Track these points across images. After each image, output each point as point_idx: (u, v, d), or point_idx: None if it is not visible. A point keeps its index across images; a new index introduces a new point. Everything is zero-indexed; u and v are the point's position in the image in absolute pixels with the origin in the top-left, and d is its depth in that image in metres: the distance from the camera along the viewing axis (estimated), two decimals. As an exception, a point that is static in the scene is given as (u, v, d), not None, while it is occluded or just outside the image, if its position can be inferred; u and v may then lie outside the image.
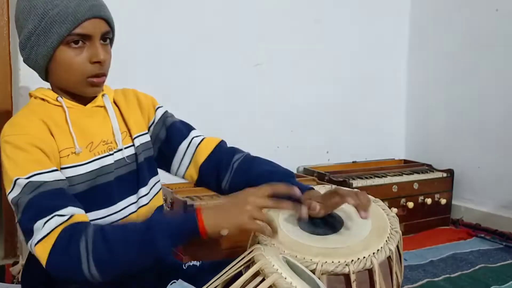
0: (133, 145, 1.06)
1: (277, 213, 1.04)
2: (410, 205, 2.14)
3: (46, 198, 0.84)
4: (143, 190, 1.05)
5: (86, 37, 0.92)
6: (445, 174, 2.31)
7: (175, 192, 1.78)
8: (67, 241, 0.81)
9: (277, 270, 0.75)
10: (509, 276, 1.66)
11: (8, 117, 1.78)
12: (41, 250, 0.82)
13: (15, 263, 1.72)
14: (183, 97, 2.06)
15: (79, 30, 0.90)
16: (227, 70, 2.16)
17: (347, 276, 0.86)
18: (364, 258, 0.88)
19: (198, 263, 1.12)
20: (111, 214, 0.98)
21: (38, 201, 0.84)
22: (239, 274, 0.79)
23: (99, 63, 0.93)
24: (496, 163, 2.23)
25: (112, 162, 1.00)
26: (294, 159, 2.37)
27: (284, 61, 2.31)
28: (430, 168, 2.42)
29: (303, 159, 2.39)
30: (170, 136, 1.13)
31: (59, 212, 0.83)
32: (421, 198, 2.19)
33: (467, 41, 2.34)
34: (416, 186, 2.18)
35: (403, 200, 2.15)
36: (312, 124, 2.42)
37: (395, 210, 2.04)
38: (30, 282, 1.04)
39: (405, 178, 2.21)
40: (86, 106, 1.00)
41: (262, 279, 0.74)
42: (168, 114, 1.16)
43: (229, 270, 0.83)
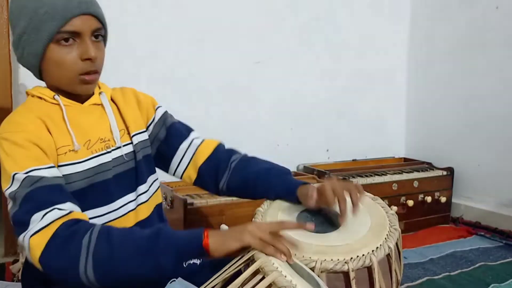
0: (131, 142, 1.05)
1: (276, 210, 1.04)
2: (410, 203, 2.14)
3: (45, 192, 0.84)
4: (142, 188, 1.05)
5: (76, 34, 0.91)
6: (445, 172, 2.31)
7: (175, 190, 1.78)
8: (69, 235, 0.80)
9: (276, 268, 0.75)
10: (509, 274, 1.66)
11: (7, 114, 1.78)
12: (37, 241, 0.80)
13: (15, 261, 1.72)
14: (183, 94, 2.06)
15: (68, 27, 0.89)
16: (227, 68, 2.16)
17: (347, 273, 0.86)
18: (363, 255, 0.88)
19: (198, 261, 1.12)
20: (110, 211, 0.98)
21: (37, 194, 0.83)
22: (239, 273, 0.79)
23: (90, 60, 0.92)
24: (496, 161, 2.23)
25: (109, 160, 0.99)
26: (294, 157, 2.37)
27: (284, 59, 2.31)
28: (430, 166, 2.43)
29: (303, 157, 2.40)
30: (170, 136, 1.13)
31: (59, 206, 0.82)
32: (421, 196, 2.20)
33: (467, 39, 2.34)
34: (416, 184, 2.18)
35: (403, 198, 2.15)
36: (312, 122, 2.42)
37: (395, 208, 2.04)
38: (30, 280, 1.03)
39: (405, 176, 2.21)
40: (83, 104, 1.00)
41: (262, 277, 0.75)
42: (168, 115, 1.16)
43: (229, 268, 0.83)
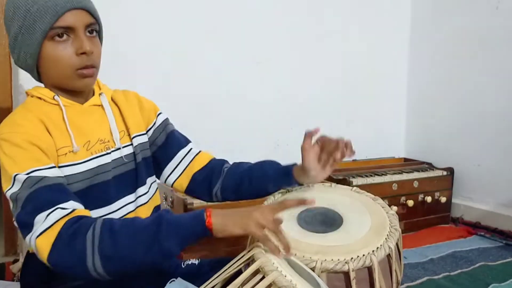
0: (131, 144, 1.05)
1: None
2: (410, 203, 2.14)
3: (47, 192, 0.84)
4: (142, 189, 1.05)
5: (69, 29, 0.91)
6: (445, 172, 2.31)
7: (175, 190, 1.78)
8: (73, 233, 0.80)
9: (277, 268, 0.75)
10: (508, 274, 1.66)
11: (8, 115, 1.79)
12: (43, 242, 0.80)
13: (15, 261, 1.72)
14: (183, 94, 2.06)
15: (61, 22, 0.90)
16: (228, 67, 2.16)
17: (347, 273, 0.86)
18: (363, 256, 0.88)
19: (197, 262, 1.12)
20: (109, 213, 0.98)
21: (39, 195, 0.83)
22: (239, 272, 0.79)
23: (86, 54, 0.92)
24: (496, 162, 2.23)
25: (109, 161, 0.99)
26: (294, 157, 2.35)
27: (284, 59, 2.31)
28: (430, 166, 2.42)
29: (303, 157, 2.39)
30: (168, 142, 1.14)
31: (62, 205, 0.82)
32: (421, 196, 2.19)
33: (468, 39, 2.34)
34: (416, 184, 2.18)
35: (403, 198, 2.15)
36: (312, 121, 2.40)
37: (395, 208, 2.03)
38: (29, 280, 1.03)
39: (405, 176, 2.20)
40: (83, 105, 1.00)
41: (262, 277, 0.75)
42: (168, 122, 1.17)
43: (228, 268, 0.83)
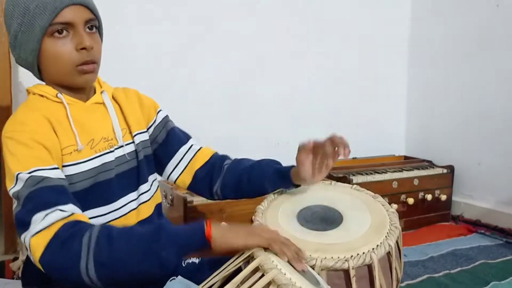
0: (133, 142, 1.05)
1: (277, 208, 1.04)
2: (410, 201, 2.14)
3: (48, 192, 0.83)
4: (144, 187, 1.05)
5: (68, 25, 0.91)
6: (445, 170, 2.31)
7: (175, 188, 1.78)
8: (69, 235, 0.79)
9: (276, 266, 0.75)
10: (509, 272, 1.66)
11: (7, 112, 1.80)
12: (37, 242, 0.79)
13: (15, 259, 1.72)
14: (183, 93, 2.06)
15: (60, 18, 0.89)
16: (227, 66, 2.16)
17: (347, 271, 0.86)
18: (363, 253, 0.88)
19: (197, 260, 1.12)
20: (112, 211, 0.98)
21: (40, 194, 0.82)
22: (239, 270, 0.79)
23: (86, 50, 0.92)
24: (496, 160, 2.23)
25: (112, 159, 0.99)
26: (294, 155, 2.36)
27: (284, 57, 2.31)
28: (431, 164, 2.42)
29: (303, 155, 2.39)
30: (169, 140, 1.14)
31: (61, 207, 0.82)
32: (421, 194, 2.19)
33: (468, 37, 2.34)
34: (416, 182, 2.18)
35: (403, 196, 2.15)
36: (312, 120, 2.42)
37: (395, 206, 2.04)
38: (30, 278, 1.03)
39: (405, 174, 2.21)
40: (85, 102, 1.00)
41: (262, 275, 0.74)
42: (169, 119, 1.17)
43: (228, 266, 0.83)
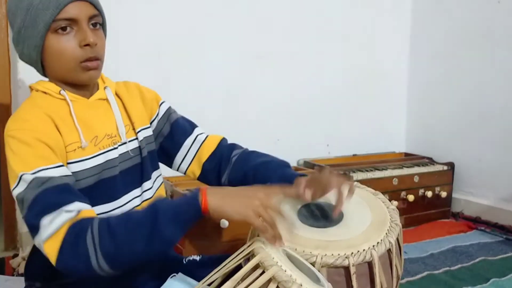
0: (136, 138, 1.05)
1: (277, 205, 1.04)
2: (411, 198, 2.14)
3: (53, 194, 0.83)
4: (147, 184, 1.05)
5: (72, 21, 0.90)
6: (445, 167, 2.30)
7: (175, 185, 1.78)
8: (75, 237, 0.80)
9: (277, 262, 0.75)
10: (509, 269, 1.66)
11: (7, 109, 1.80)
12: (50, 247, 0.80)
13: (15, 256, 1.72)
14: (184, 90, 2.05)
15: (64, 14, 0.89)
16: (228, 63, 2.15)
17: (347, 268, 0.86)
18: (364, 250, 0.88)
19: (198, 258, 1.12)
20: (116, 208, 0.98)
21: (45, 197, 0.82)
22: (239, 267, 0.79)
23: (89, 46, 0.91)
24: (496, 156, 2.23)
25: (116, 156, 0.99)
26: (295, 152, 2.37)
27: (285, 54, 2.30)
28: (431, 161, 2.42)
29: (304, 152, 2.39)
30: (174, 132, 1.13)
31: (66, 208, 0.82)
32: (421, 191, 2.19)
33: (468, 33, 2.33)
34: (416, 179, 2.18)
35: (404, 193, 2.15)
36: (312, 117, 2.42)
37: (396, 203, 2.03)
38: (33, 274, 1.03)
39: (405, 171, 2.20)
40: (89, 99, 0.99)
41: (262, 272, 0.74)
42: (172, 110, 1.16)
43: (229, 263, 0.83)
